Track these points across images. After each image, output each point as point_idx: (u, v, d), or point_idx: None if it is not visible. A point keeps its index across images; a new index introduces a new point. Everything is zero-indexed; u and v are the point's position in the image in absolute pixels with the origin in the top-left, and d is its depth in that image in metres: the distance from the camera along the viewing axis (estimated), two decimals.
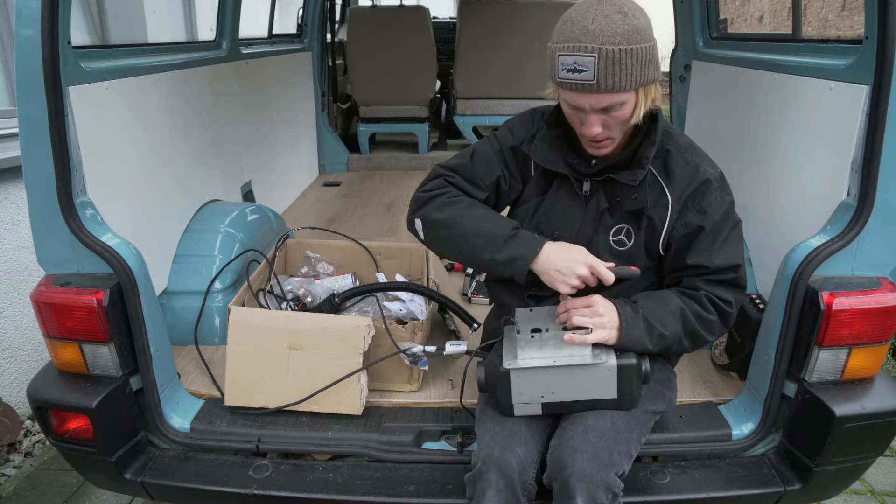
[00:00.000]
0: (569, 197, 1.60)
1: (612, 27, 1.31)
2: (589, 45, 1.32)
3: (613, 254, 1.57)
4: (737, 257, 1.54)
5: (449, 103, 5.30)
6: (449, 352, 1.84)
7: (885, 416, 1.64)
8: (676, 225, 1.53)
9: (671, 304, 1.52)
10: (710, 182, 1.51)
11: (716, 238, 1.52)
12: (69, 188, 1.59)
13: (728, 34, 3.02)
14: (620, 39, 1.31)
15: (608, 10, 1.33)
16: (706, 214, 1.50)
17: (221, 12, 3.00)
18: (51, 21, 1.47)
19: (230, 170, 2.98)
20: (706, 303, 1.52)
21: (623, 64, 1.32)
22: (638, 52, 1.33)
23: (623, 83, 1.34)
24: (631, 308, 1.50)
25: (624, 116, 1.41)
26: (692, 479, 1.72)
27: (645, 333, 1.48)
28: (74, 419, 1.67)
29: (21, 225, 2.95)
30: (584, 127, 1.44)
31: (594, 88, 1.34)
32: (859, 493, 2.55)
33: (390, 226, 3.60)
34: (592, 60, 1.32)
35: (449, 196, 1.60)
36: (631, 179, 1.49)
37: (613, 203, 1.55)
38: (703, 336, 1.54)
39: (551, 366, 1.47)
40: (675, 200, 1.52)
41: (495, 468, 1.44)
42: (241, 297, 2.01)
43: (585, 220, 1.58)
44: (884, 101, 1.49)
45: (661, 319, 1.49)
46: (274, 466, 1.75)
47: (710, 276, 1.53)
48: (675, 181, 1.52)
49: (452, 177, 1.64)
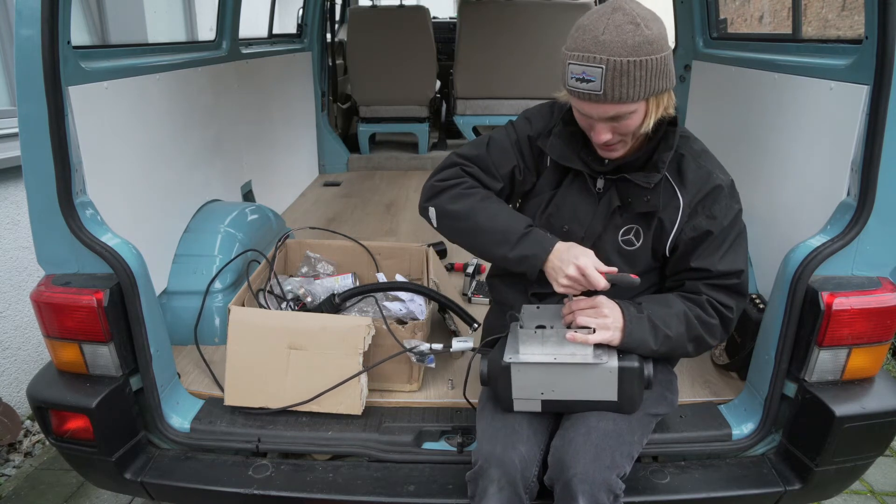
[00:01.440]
0: (581, 192, 1.60)
1: (623, 38, 1.30)
2: (597, 56, 1.31)
3: (620, 252, 1.58)
4: (740, 263, 1.54)
5: (449, 103, 5.30)
6: (456, 348, 1.83)
7: (885, 416, 1.64)
8: (685, 228, 1.53)
9: (675, 306, 1.53)
10: (721, 188, 1.52)
11: (722, 243, 1.52)
12: (69, 188, 1.59)
13: (728, 34, 3.02)
14: (630, 51, 1.30)
15: (620, 20, 1.32)
16: (715, 220, 1.51)
17: (221, 12, 3.00)
18: (51, 21, 1.47)
19: (230, 170, 2.98)
20: (708, 307, 1.53)
21: (631, 76, 1.32)
22: (648, 63, 1.32)
23: (630, 94, 1.34)
24: (636, 309, 1.50)
25: (632, 126, 1.41)
26: (692, 479, 1.72)
27: (650, 334, 1.48)
28: (74, 419, 1.67)
29: (21, 225, 2.95)
30: (592, 133, 1.45)
31: (601, 99, 1.34)
32: (859, 493, 2.55)
33: (390, 226, 3.60)
34: (600, 72, 1.31)
35: (465, 187, 1.60)
36: (646, 182, 1.49)
37: (625, 202, 1.55)
38: (706, 341, 1.55)
39: (551, 362, 1.47)
40: (687, 204, 1.52)
41: (497, 465, 1.44)
42: (241, 297, 2.01)
43: (596, 217, 1.58)
44: (884, 101, 1.49)
45: (666, 321, 1.50)
46: (274, 466, 1.75)
47: (712, 281, 1.53)
48: (687, 185, 1.53)
49: (469, 166, 1.64)
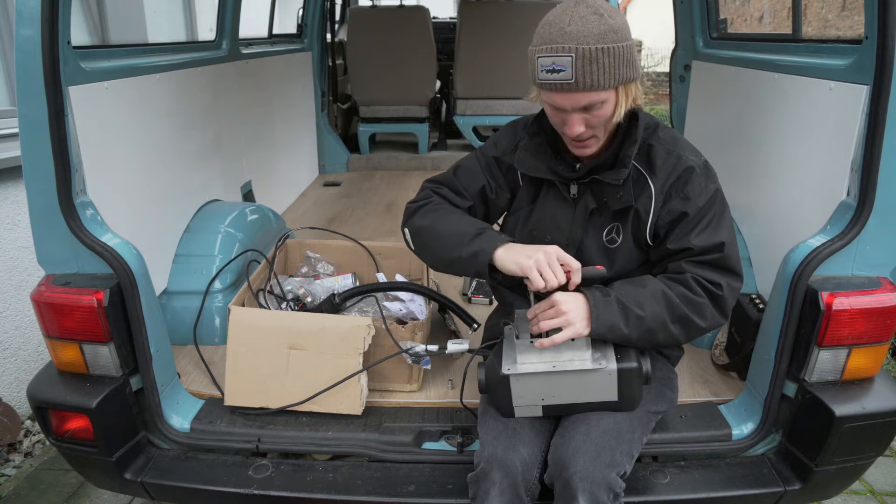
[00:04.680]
0: (557, 201, 1.61)
1: (588, 27, 1.33)
2: (566, 46, 1.33)
3: (605, 252, 1.58)
4: (721, 236, 1.49)
5: (449, 103, 5.30)
6: (451, 350, 1.84)
7: (885, 416, 1.64)
8: (661, 213, 1.52)
9: (650, 285, 1.48)
10: (692, 169, 1.51)
11: (699, 222, 1.50)
12: (69, 188, 1.59)
13: (728, 34, 3.02)
14: (597, 39, 1.33)
15: (584, 11, 1.35)
16: (689, 200, 1.49)
17: (221, 12, 3.00)
18: (51, 21, 1.47)
19: (230, 170, 2.98)
20: (692, 284, 1.47)
21: (600, 63, 1.34)
22: (614, 50, 1.35)
23: (601, 81, 1.35)
24: (601, 293, 1.46)
25: (605, 115, 1.41)
26: (692, 479, 1.72)
27: (619, 317, 1.43)
28: (74, 419, 1.67)
29: (21, 225, 2.95)
30: (566, 127, 1.45)
31: (573, 87, 1.36)
32: (859, 493, 2.55)
33: (390, 226, 3.60)
34: (570, 60, 1.34)
35: (433, 204, 1.65)
36: (615, 179, 1.50)
37: (601, 203, 1.56)
38: (694, 321, 1.47)
39: (550, 371, 1.46)
40: (658, 189, 1.52)
41: (499, 468, 1.45)
42: (241, 297, 2.01)
43: (575, 222, 1.59)
44: (884, 101, 1.49)
45: (638, 301, 1.45)
46: (274, 466, 1.76)
47: (693, 258, 1.50)
48: (657, 172, 1.52)
49: (438, 188, 1.70)
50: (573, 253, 1.55)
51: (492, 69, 4.62)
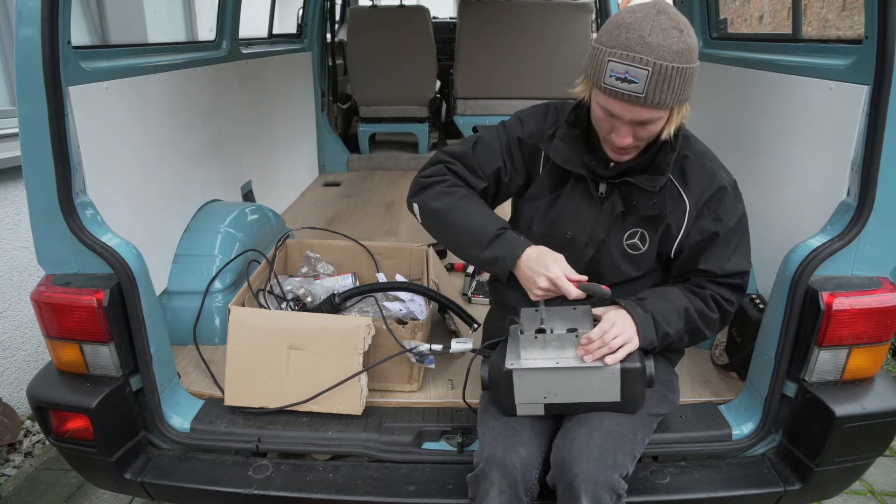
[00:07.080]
0: (584, 197, 1.58)
1: (669, 43, 1.29)
2: (644, 58, 1.29)
3: (626, 256, 1.58)
4: (745, 264, 1.56)
5: (449, 103, 5.30)
6: (455, 349, 1.83)
7: (885, 416, 1.64)
8: (692, 231, 1.53)
9: (676, 301, 1.53)
10: (725, 189, 1.52)
11: (728, 244, 1.53)
12: (69, 188, 1.59)
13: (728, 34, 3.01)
14: (675, 56, 1.29)
15: (666, 23, 1.30)
16: (721, 221, 1.51)
17: (221, 12, 3.00)
18: (51, 21, 1.47)
19: (230, 170, 2.98)
20: (710, 302, 1.54)
21: (673, 82, 1.30)
22: (687, 71, 1.32)
23: (668, 100, 1.33)
24: (641, 308, 1.50)
25: (655, 131, 1.41)
26: (692, 479, 1.72)
27: (655, 334, 1.49)
28: (74, 419, 1.67)
29: (21, 225, 2.95)
30: (614, 135, 1.42)
31: (640, 102, 1.32)
32: (859, 493, 2.55)
33: (390, 226, 3.60)
34: (646, 74, 1.29)
35: (447, 185, 1.59)
36: (651, 185, 1.49)
37: (629, 206, 1.54)
38: (702, 333, 1.56)
39: (554, 367, 1.46)
40: (693, 206, 1.52)
41: (498, 468, 1.44)
42: (241, 297, 2.01)
43: (599, 222, 1.57)
44: (884, 101, 1.49)
45: (667, 318, 1.50)
46: (274, 466, 1.75)
47: (718, 280, 1.55)
48: (692, 186, 1.52)
49: (454, 164, 1.63)
50: (592, 253, 1.56)
51: (492, 69, 4.61)
